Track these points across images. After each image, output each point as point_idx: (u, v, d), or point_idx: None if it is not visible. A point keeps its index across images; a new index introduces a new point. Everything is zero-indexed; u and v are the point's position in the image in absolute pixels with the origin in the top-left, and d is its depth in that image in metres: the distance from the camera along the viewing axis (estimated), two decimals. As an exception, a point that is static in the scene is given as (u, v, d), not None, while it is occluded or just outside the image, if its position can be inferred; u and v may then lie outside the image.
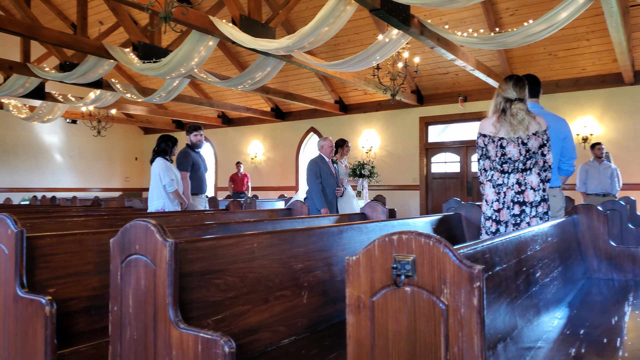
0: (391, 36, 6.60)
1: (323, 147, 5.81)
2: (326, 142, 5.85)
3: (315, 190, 5.44)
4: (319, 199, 5.41)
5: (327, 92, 11.78)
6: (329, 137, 6.01)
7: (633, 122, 8.89)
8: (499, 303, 1.77)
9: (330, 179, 5.64)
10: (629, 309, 2.67)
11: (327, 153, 5.77)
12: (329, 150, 5.80)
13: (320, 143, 5.88)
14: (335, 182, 5.70)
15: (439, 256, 1.01)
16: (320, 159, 5.70)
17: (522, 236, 2.29)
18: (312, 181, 5.53)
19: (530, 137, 3.01)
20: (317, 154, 5.80)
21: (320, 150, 5.81)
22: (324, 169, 5.62)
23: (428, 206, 11.16)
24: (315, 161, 5.65)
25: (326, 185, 5.57)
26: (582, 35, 8.38)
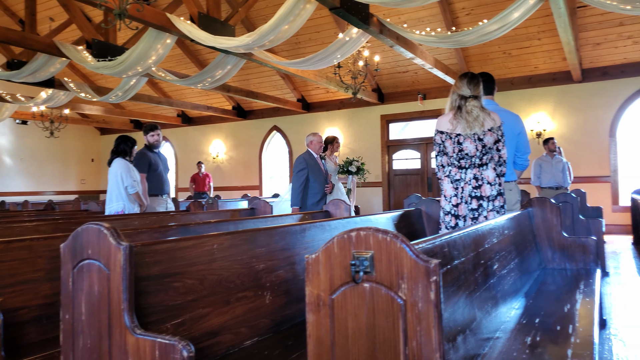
0: (351, 35, 6.64)
1: (312, 142, 5.56)
2: (315, 137, 5.60)
3: (296, 186, 5.25)
4: (296, 196, 5.24)
5: (290, 91, 11.74)
6: (317, 133, 5.76)
7: (582, 118, 9.28)
8: (458, 296, 1.80)
9: (319, 175, 5.43)
10: (580, 296, 2.78)
11: (316, 149, 5.54)
12: (317, 146, 5.56)
13: (308, 138, 5.62)
14: (324, 178, 5.49)
15: (397, 251, 1.01)
16: (309, 154, 5.48)
17: (479, 230, 2.35)
18: (295, 177, 5.33)
19: (486, 133, 3.09)
20: (305, 150, 5.58)
21: (309, 145, 5.57)
22: (312, 165, 5.40)
23: (390, 202, 11.31)
24: (303, 157, 5.42)
25: (315, 181, 5.37)
26: (534, 34, 8.67)
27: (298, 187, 5.26)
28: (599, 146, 9.13)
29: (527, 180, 8.24)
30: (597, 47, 8.67)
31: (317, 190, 5.38)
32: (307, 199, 5.36)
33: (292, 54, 10.16)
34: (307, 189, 5.34)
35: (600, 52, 8.78)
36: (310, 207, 5.31)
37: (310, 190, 5.36)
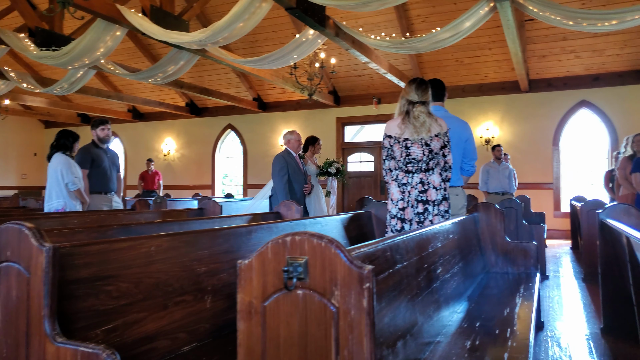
0: (307, 36, 6.63)
1: (290, 141, 5.32)
2: (293, 135, 5.35)
3: (281, 187, 4.99)
4: (284, 196, 4.94)
5: (246, 89, 11.60)
6: (295, 131, 5.50)
7: (528, 127, 9.66)
8: (399, 300, 1.80)
9: (298, 175, 5.19)
10: (520, 300, 2.86)
11: (295, 147, 5.31)
12: (296, 144, 5.32)
13: (286, 137, 5.37)
14: (303, 178, 5.26)
15: (331, 257, 0.99)
16: (287, 153, 5.24)
17: (423, 234, 2.37)
18: (277, 177, 5.07)
19: (433, 139, 3.13)
20: (284, 149, 5.35)
21: (287, 144, 5.33)
22: (291, 164, 5.16)
23: (344, 204, 11.37)
24: (282, 156, 5.19)
25: (294, 182, 5.12)
26: (484, 44, 8.95)
27: (283, 187, 4.99)
28: (543, 154, 9.53)
29: (475, 185, 8.49)
30: (543, 59, 9.05)
31: (295, 191, 5.14)
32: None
33: (249, 53, 10.04)
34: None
35: (546, 64, 9.18)
36: None
37: (290, 190, 5.10)
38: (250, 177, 12.21)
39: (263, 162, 12.05)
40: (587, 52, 8.73)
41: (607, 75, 9.09)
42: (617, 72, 9.00)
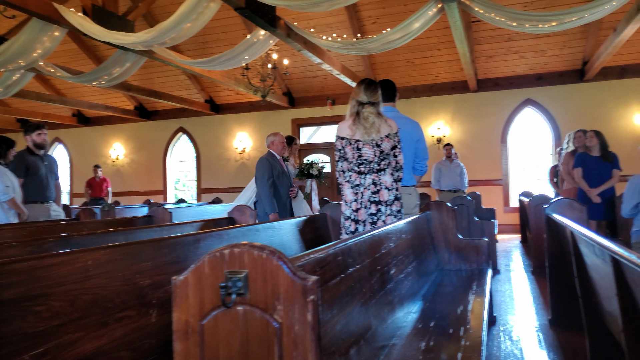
0: (258, 36, 6.53)
1: (273, 142, 5.08)
2: (276, 137, 5.11)
3: (266, 192, 4.74)
4: (270, 202, 4.72)
5: (197, 91, 11.35)
6: (279, 132, 5.25)
7: (477, 125, 9.93)
8: (352, 306, 1.76)
9: (283, 178, 4.99)
10: (472, 297, 2.90)
11: (279, 150, 5.08)
12: (280, 146, 5.09)
13: (269, 139, 5.12)
14: (288, 182, 5.07)
15: (273, 269, 0.92)
16: (271, 156, 5.00)
17: (376, 235, 2.34)
18: (262, 182, 4.81)
19: (383, 139, 3.13)
20: (267, 151, 5.10)
21: (270, 146, 5.08)
22: (276, 167, 4.93)
23: (301, 206, 11.31)
24: (265, 159, 4.94)
25: (279, 185, 4.92)
26: (434, 45, 9.13)
27: (268, 193, 4.75)
28: (492, 152, 9.82)
29: (428, 183, 8.63)
30: (490, 59, 9.33)
31: (281, 195, 4.95)
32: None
33: (200, 54, 9.81)
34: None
35: (493, 65, 9.46)
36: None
37: (275, 194, 4.89)
38: (204, 182, 11.95)
39: (217, 165, 11.83)
40: (530, 52, 9.06)
41: (549, 75, 9.47)
42: (558, 72, 9.40)
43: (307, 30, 6.76)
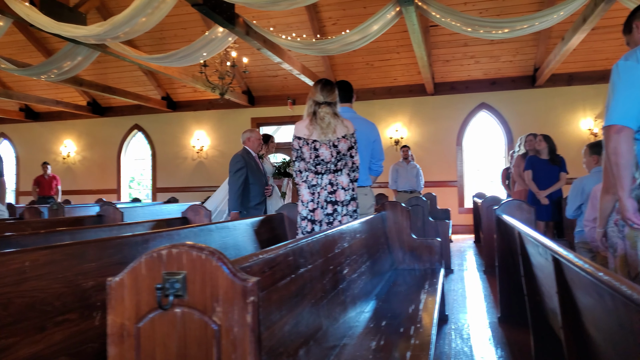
0: (217, 33, 6.44)
1: (249, 139, 4.96)
2: (253, 134, 5.00)
3: (234, 188, 4.64)
4: (235, 199, 4.63)
5: (153, 88, 11.07)
6: (255, 129, 5.09)
7: (434, 128, 10.15)
8: (302, 306, 1.75)
9: (259, 176, 4.87)
10: (424, 296, 2.95)
11: (254, 147, 4.96)
12: (256, 143, 4.98)
13: (245, 135, 5.01)
14: (263, 179, 4.94)
15: (212, 270, 0.90)
16: (246, 153, 4.87)
17: (329, 235, 2.34)
18: (233, 177, 4.70)
19: (340, 140, 3.14)
20: (242, 148, 4.96)
21: (246, 143, 4.96)
22: (251, 164, 4.81)
23: (260, 206, 11.23)
24: (240, 155, 4.81)
25: (254, 183, 4.80)
26: (393, 48, 9.26)
27: (237, 190, 4.64)
28: (448, 154, 10.06)
29: (386, 184, 8.75)
30: (447, 63, 9.55)
31: (256, 193, 4.82)
32: (248, 203, 4.78)
33: (157, 50, 9.57)
34: (245, 191, 4.75)
35: (449, 69, 9.69)
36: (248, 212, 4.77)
37: (250, 193, 4.77)
38: (159, 181, 11.67)
39: (173, 164, 11.58)
40: (485, 57, 9.34)
41: (502, 80, 9.79)
42: (511, 77, 9.73)
43: (267, 29, 6.72)
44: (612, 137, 1.97)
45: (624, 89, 1.96)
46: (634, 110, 1.93)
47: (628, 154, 1.94)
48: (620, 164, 1.96)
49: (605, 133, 2.00)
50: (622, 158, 1.95)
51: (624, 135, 1.94)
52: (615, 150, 1.96)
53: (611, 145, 1.97)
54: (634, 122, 1.94)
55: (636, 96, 1.93)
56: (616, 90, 1.99)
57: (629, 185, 1.98)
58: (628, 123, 1.93)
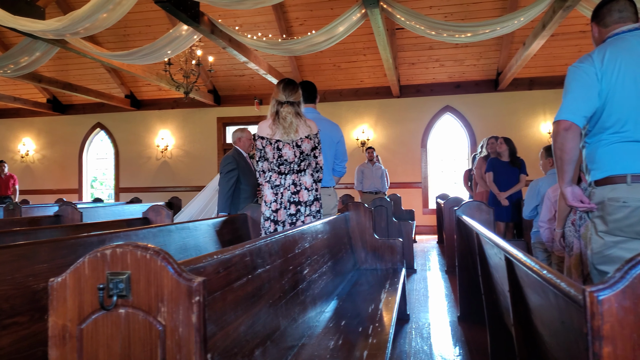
0: (181, 31, 6.34)
1: (240, 139, 4.86)
2: (244, 134, 4.89)
3: (224, 190, 4.54)
4: (224, 201, 4.53)
5: (117, 86, 10.81)
6: (246, 128, 4.98)
7: (399, 130, 10.29)
8: (259, 306, 1.75)
9: (250, 176, 4.75)
10: (384, 295, 2.98)
11: (246, 147, 4.87)
12: (247, 143, 4.88)
13: (236, 135, 4.90)
14: (255, 181, 4.78)
15: (157, 270, 0.89)
16: (238, 154, 4.77)
17: (289, 235, 2.34)
18: (223, 179, 4.60)
19: (304, 140, 3.15)
20: (233, 148, 4.86)
21: (237, 143, 4.85)
22: (242, 166, 4.71)
23: (226, 207, 11.12)
24: (232, 156, 4.71)
25: (246, 184, 4.68)
26: (360, 50, 9.34)
27: (227, 191, 4.54)
28: (413, 155, 10.21)
29: (352, 185, 8.81)
30: (412, 66, 9.69)
31: (248, 194, 4.71)
32: (239, 204, 4.65)
33: (120, 47, 9.36)
34: (237, 192, 4.63)
35: (415, 72, 9.85)
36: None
37: (242, 194, 4.66)
38: (122, 180, 11.40)
39: (137, 163, 11.33)
40: (450, 61, 9.53)
41: (466, 83, 10.01)
42: (475, 81, 9.96)
43: (233, 27, 6.67)
44: (560, 133, 2.05)
45: (576, 88, 2.05)
46: (583, 109, 2.02)
47: (573, 151, 2.03)
48: (565, 159, 2.05)
49: (555, 128, 2.09)
50: (567, 154, 2.04)
51: (571, 132, 2.02)
52: (561, 146, 2.05)
53: (558, 141, 2.06)
54: (582, 120, 2.03)
55: (587, 96, 2.02)
56: (569, 89, 2.08)
57: (570, 177, 2.07)
58: (576, 120, 2.02)
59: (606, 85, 1.99)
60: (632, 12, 2.15)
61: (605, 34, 2.17)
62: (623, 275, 0.79)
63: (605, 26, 2.18)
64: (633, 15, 2.14)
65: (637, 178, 1.84)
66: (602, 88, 2.00)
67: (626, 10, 2.13)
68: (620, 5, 2.14)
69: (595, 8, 2.26)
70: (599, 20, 2.21)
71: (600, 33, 2.21)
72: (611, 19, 2.15)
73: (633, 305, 0.78)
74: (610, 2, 2.16)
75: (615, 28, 2.14)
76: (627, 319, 0.78)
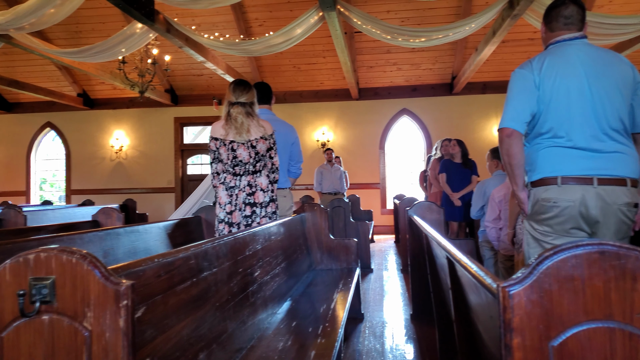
0: (135, 29, 6.20)
1: None
2: None
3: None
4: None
5: (68, 84, 10.44)
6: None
7: (358, 132, 10.40)
8: (204, 310, 1.73)
9: None
10: (337, 295, 3.01)
11: None
12: None
13: None
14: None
15: (83, 275, 0.87)
16: None
17: (239, 237, 2.33)
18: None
19: (259, 141, 3.14)
20: None
21: None
22: None
23: (184, 209, 10.92)
24: None
25: None
26: (319, 52, 9.38)
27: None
28: (371, 157, 10.35)
29: (312, 186, 8.84)
30: (371, 69, 9.82)
31: None
32: None
33: (72, 44, 9.05)
34: None
35: (373, 75, 9.98)
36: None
37: None
38: (74, 182, 11.02)
39: (90, 164, 10.98)
40: (406, 65, 9.71)
41: (423, 87, 10.23)
42: (431, 84, 10.20)
43: (190, 27, 6.57)
44: (504, 140, 2.13)
45: (517, 94, 2.12)
46: (523, 115, 2.09)
47: (519, 155, 2.11)
48: (513, 164, 2.13)
49: (499, 135, 2.16)
50: (513, 159, 2.11)
51: (514, 138, 2.10)
52: (507, 152, 2.13)
53: (504, 147, 2.14)
54: (523, 126, 2.10)
55: (526, 102, 2.09)
56: (510, 96, 2.15)
57: (522, 181, 2.15)
58: (517, 127, 2.09)
59: (543, 93, 2.06)
60: (578, 19, 2.15)
61: (550, 38, 2.20)
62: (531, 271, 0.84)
63: (552, 30, 2.19)
64: (579, 22, 2.15)
65: (566, 180, 1.94)
66: (539, 95, 2.07)
67: (573, 17, 2.14)
68: (569, 11, 2.13)
69: (547, 8, 2.25)
70: (547, 23, 2.22)
71: (547, 36, 2.23)
72: (557, 25, 2.16)
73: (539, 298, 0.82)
74: (559, 7, 2.16)
75: (559, 35, 2.16)
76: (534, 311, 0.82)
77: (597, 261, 0.94)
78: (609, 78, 2.03)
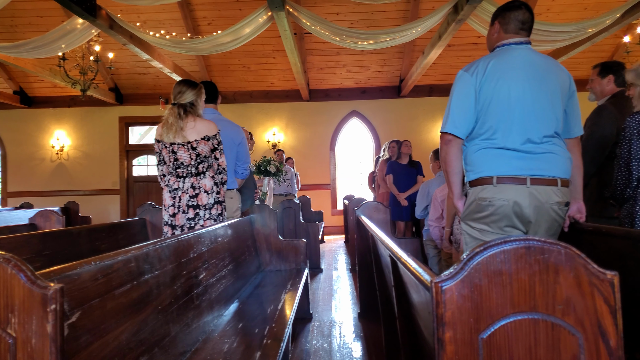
0: (76, 25, 5.95)
1: None
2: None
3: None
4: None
5: (3, 81, 9.88)
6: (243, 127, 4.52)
7: (310, 133, 10.45)
8: (145, 313, 1.69)
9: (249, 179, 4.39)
10: (284, 296, 3.02)
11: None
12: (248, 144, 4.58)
13: None
14: (253, 183, 4.53)
15: (7, 279, 0.83)
16: None
17: (183, 239, 2.29)
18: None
19: (199, 142, 3.09)
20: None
21: None
22: None
23: (130, 211, 10.59)
24: None
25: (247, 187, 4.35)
26: (270, 52, 9.35)
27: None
28: (322, 158, 10.42)
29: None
30: (321, 71, 9.89)
31: (247, 197, 4.41)
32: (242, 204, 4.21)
33: (6, 38, 8.57)
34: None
35: (323, 76, 10.05)
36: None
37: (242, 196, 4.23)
38: (11, 184, 10.43)
39: (28, 166, 10.43)
40: (356, 67, 9.85)
41: (372, 89, 10.41)
42: (379, 87, 10.39)
43: (134, 24, 6.37)
44: (442, 147, 2.19)
45: (457, 99, 2.16)
46: (463, 120, 2.14)
47: (456, 162, 2.17)
48: (449, 172, 2.19)
49: (440, 140, 2.22)
50: (450, 166, 2.17)
51: (452, 145, 2.16)
52: (444, 159, 2.19)
53: (442, 154, 2.20)
54: (463, 131, 2.15)
55: (466, 107, 2.13)
56: (451, 100, 2.19)
57: (459, 190, 2.21)
58: (457, 132, 2.14)
59: (484, 95, 2.10)
60: (530, 26, 2.22)
61: (501, 39, 2.23)
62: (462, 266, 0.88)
63: (506, 32, 2.22)
64: (529, 30, 2.22)
65: (501, 180, 2.03)
66: (479, 98, 2.13)
67: (527, 24, 2.20)
68: (525, 17, 2.18)
69: (502, 8, 2.26)
70: (503, 24, 2.23)
71: (499, 36, 2.24)
72: (513, 27, 2.20)
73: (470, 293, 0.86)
74: (517, 10, 2.19)
75: (511, 37, 2.20)
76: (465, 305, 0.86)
77: (523, 256, 1.00)
78: (549, 84, 2.10)
